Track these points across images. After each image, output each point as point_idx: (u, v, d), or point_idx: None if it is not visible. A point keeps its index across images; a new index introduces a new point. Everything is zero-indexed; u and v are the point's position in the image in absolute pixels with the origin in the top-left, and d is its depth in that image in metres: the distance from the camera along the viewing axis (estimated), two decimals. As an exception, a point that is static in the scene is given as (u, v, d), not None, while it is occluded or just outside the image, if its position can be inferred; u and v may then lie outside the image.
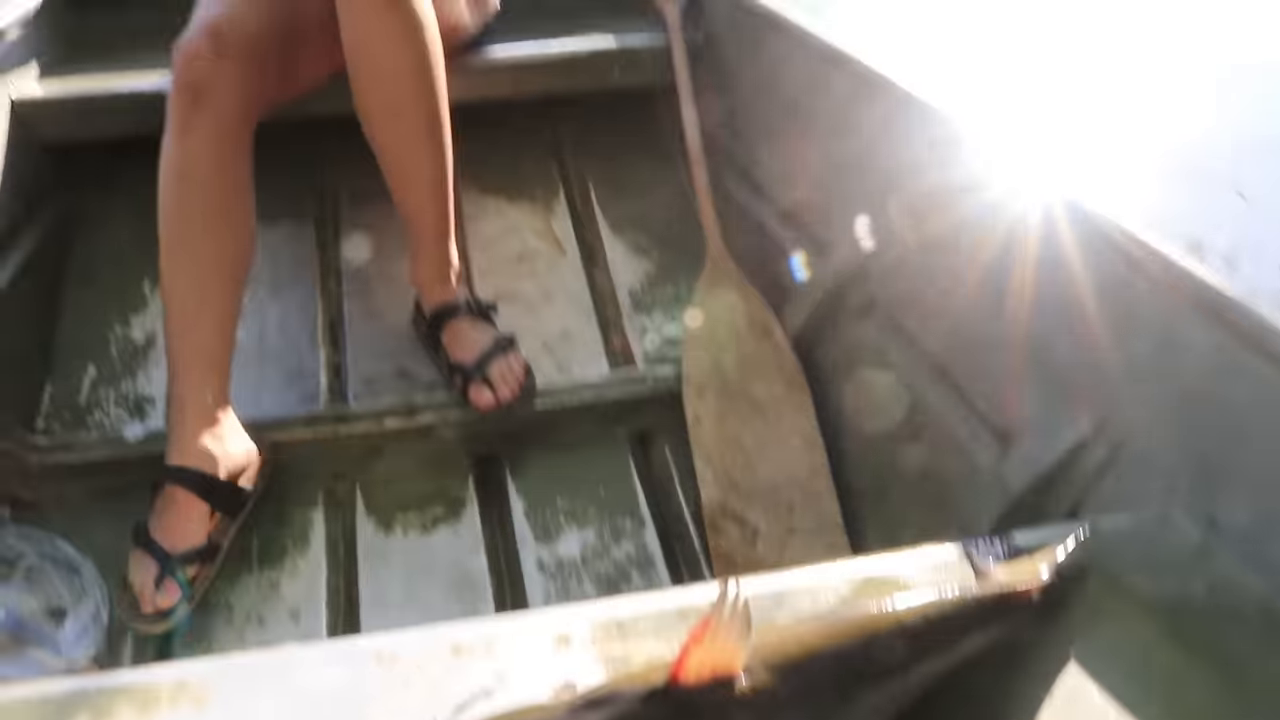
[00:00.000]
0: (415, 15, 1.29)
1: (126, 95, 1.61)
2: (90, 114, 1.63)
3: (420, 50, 1.30)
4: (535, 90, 1.74)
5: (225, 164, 1.29)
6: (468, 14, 1.61)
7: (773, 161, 1.60)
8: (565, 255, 1.68)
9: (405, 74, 1.31)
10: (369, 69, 1.31)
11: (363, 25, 1.29)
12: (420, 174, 1.37)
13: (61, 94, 1.64)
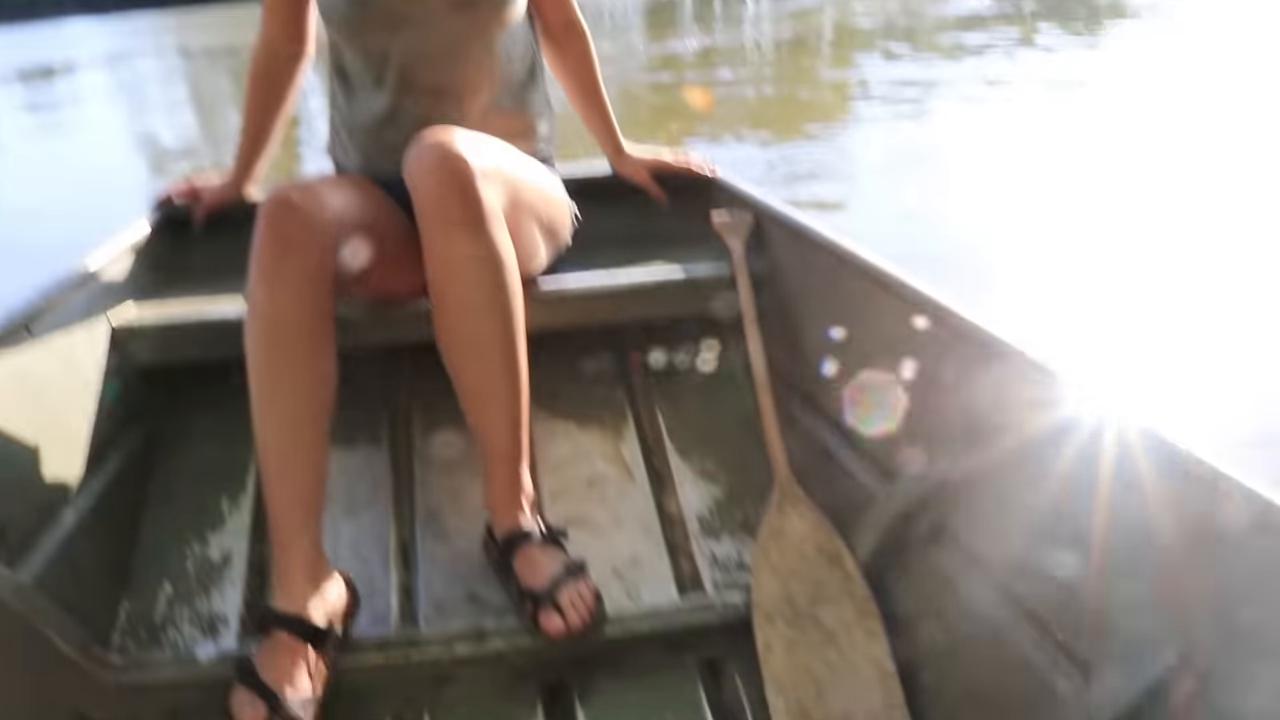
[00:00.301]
0: (496, 249, 1.38)
1: (214, 322, 1.70)
2: (180, 339, 1.72)
3: (500, 283, 1.38)
4: (605, 318, 1.79)
5: (311, 313, 1.35)
6: (543, 245, 1.68)
7: (837, 387, 1.61)
8: (634, 480, 1.70)
9: (485, 305, 1.38)
10: (451, 298, 1.38)
11: (446, 256, 1.37)
12: (495, 400, 1.42)
13: (155, 320, 1.74)
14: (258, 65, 1.86)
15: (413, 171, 1.40)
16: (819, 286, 1.68)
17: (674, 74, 8.17)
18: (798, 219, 1.75)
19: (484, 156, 1.42)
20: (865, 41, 10.11)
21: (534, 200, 1.59)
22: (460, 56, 1.65)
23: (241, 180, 1.94)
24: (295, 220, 1.35)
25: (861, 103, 6.25)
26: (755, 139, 5.31)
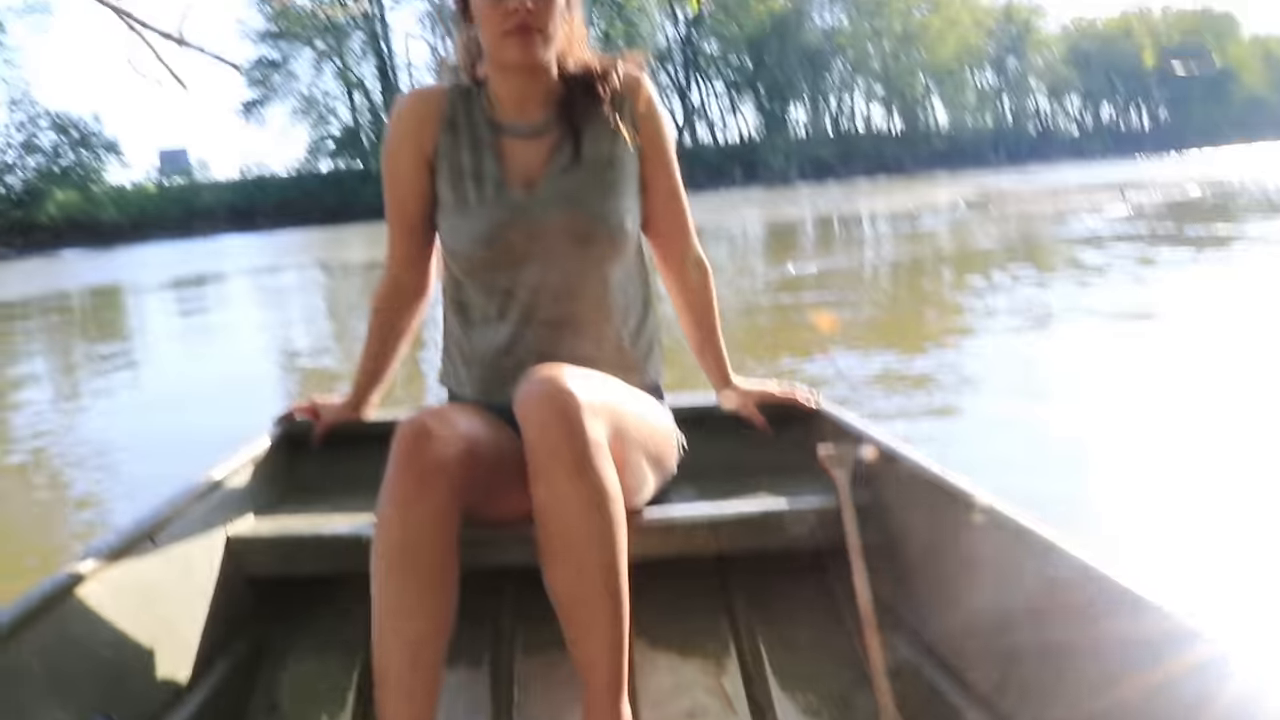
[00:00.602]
0: (603, 484, 1.40)
1: (328, 538, 1.74)
2: (294, 553, 1.76)
3: (606, 516, 1.40)
4: (708, 549, 1.78)
5: (440, 539, 1.39)
6: (649, 477, 1.69)
7: (945, 625, 1.57)
8: (735, 714, 1.65)
9: (590, 537, 1.39)
10: (556, 529, 1.40)
11: (552, 488, 1.40)
12: (597, 629, 1.40)
13: (271, 532, 1.79)
14: (381, 297, 1.93)
15: (522, 406, 1.44)
16: (927, 522, 1.65)
17: (794, 295, 8.31)
18: (905, 452, 1.74)
19: (591, 392, 1.46)
20: (984, 263, 10.17)
21: (641, 433, 1.62)
22: (578, 290, 1.72)
23: (359, 403, 2.00)
24: (430, 448, 1.41)
25: (981, 326, 6.23)
26: (875, 361, 5.32)
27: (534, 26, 1.62)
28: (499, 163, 1.73)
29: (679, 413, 1.87)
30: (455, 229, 1.73)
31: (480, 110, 1.76)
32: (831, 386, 4.68)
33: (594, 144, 1.73)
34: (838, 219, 20.89)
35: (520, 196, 1.70)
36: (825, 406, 2.03)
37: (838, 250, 13.42)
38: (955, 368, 5.10)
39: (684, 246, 1.90)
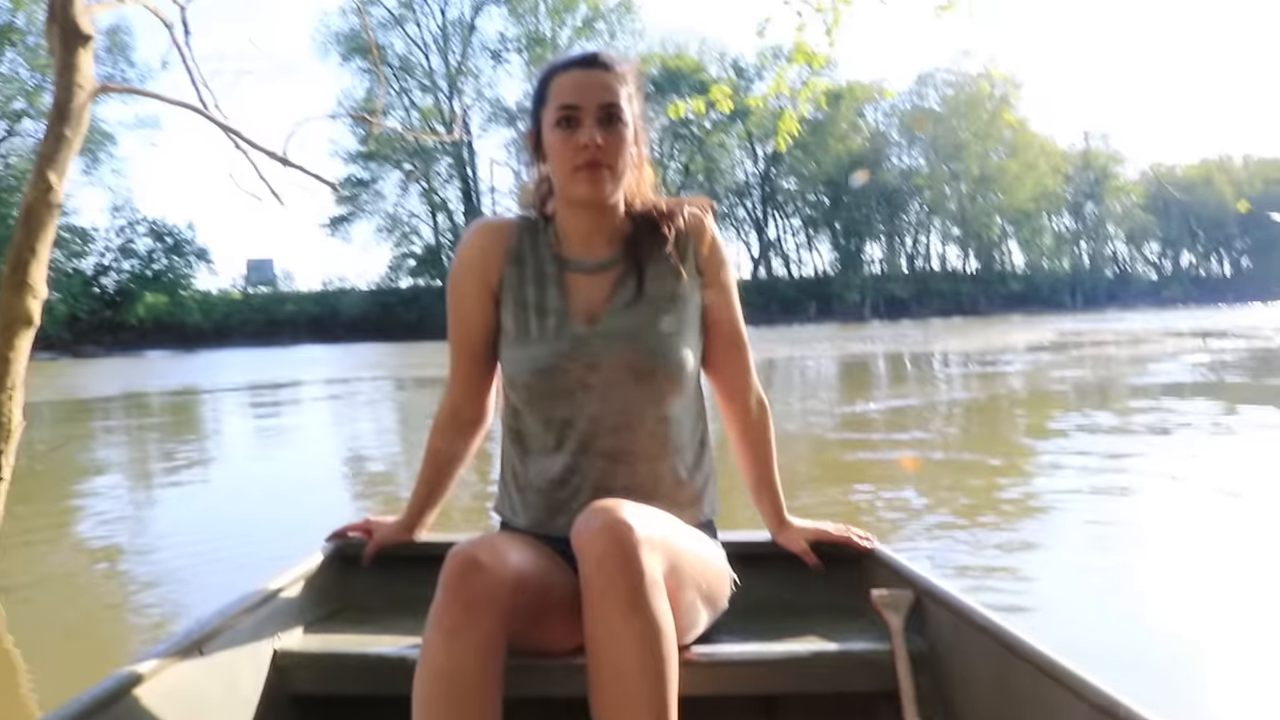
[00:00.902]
0: (657, 621, 1.40)
1: (374, 658, 1.72)
2: (339, 671, 1.75)
3: (658, 653, 1.39)
4: (757, 689, 1.75)
5: (485, 669, 1.40)
6: (701, 614, 1.69)
7: None
8: None
9: (642, 674, 1.37)
10: (607, 663, 1.39)
11: (607, 623, 1.39)
12: None
13: (318, 649, 1.78)
14: (439, 423, 1.94)
15: (580, 538, 1.45)
16: (982, 670, 1.62)
17: (863, 432, 8.15)
18: (960, 598, 1.72)
19: (649, 528, 1.46)
20: (1060, 405, 9.95)
21: (695, 571, 1.62)
22: (636, 424, 1.74)
23: (412, 524, 2.00)
24: (478, 579, 1.42)
25: (1053, 470, 6.00)
26: (945, 503, 5.13)
27: (603, 163, 1.68)
28: (562, 296, 1.77)
29: (731, 548, 1.86)
30: (516, 359, 1.77)
31: (547, 244, 1.81)
32: (895, 528, 4.50)
33: (657, 281, 1.77)
34: (912, 357, 20.72)
35: (582, 329, 1.74)
36: (879, 549, 2.01)
37: (912, 388, 13.23)
38: (1024, 522, 4.86)
39: (744, 385, 1.91)
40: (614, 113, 1.69)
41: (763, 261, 71.03)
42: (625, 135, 1.71)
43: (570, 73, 1.72)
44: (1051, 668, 1.41)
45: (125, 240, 52.10)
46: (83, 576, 4.44)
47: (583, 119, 1.68)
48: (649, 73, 61.63)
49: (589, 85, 1.70)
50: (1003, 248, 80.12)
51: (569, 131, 1.69)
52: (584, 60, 1.73)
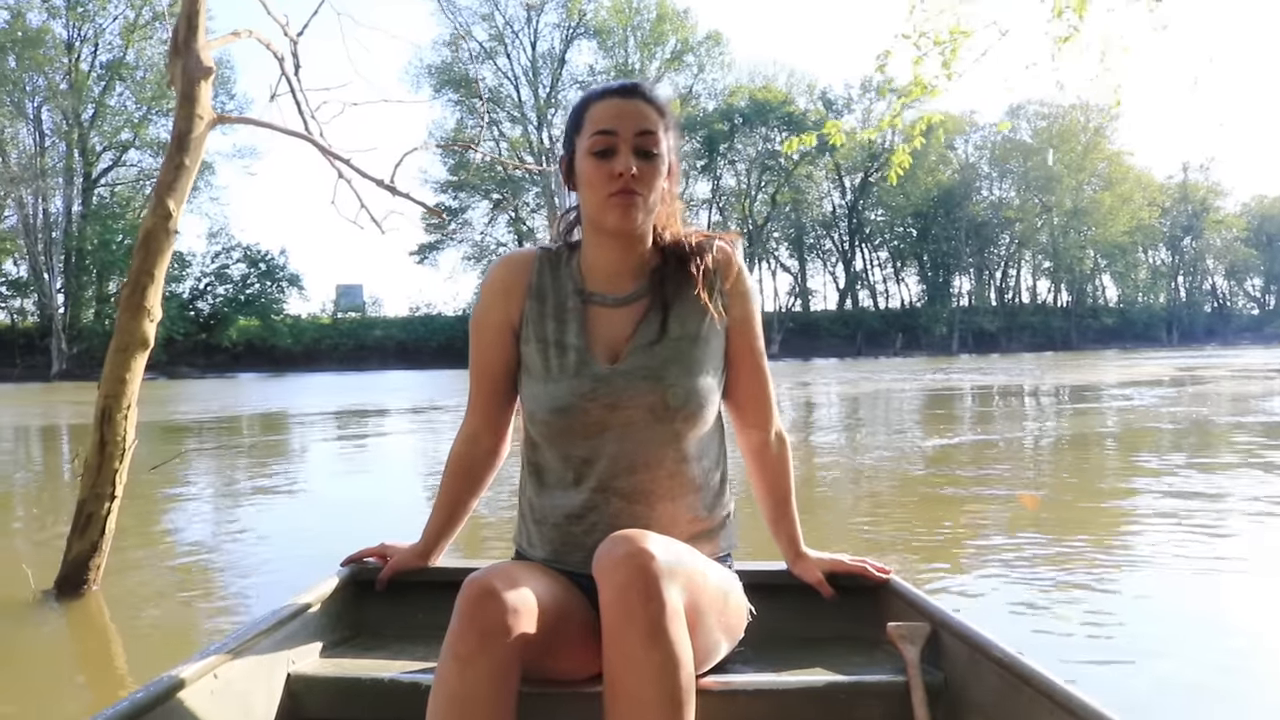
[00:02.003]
0: (676, 651, 1.41)
1: (386, 683, 1.73)
2: (353, 696, 1.75)
3: (676, 683, 1.40)
4: (772, 719, 1.73)
5: (499, 698, 1.41)
6: (718, 645, 1.70)
7: None
8: None
9: (659, 703, 1.39)
10: (624, 692, 1.40)
11: (626, 652, 1.40)
12: None
13: (332, 674, 1.79)
14: (458, 453, 1.95)
15: (602, 566, 1.46)
16: (998, 703, 1.61)
17: (945, 468, 7.97)
18: (976, 631, 1.72)
19: (671, 558, 1.48)
20: (1152, 443, 9.61)
21: (713, 602, 1.64)
22: (655, 463, 1.74)
23: (428, 550, 2.02)
24: (494, 607, 1.44)
25: (1145, 513, 5.72)
26: (1031, 546, 4.97)
27: (637, 192, 1.68)
28: (584, 332, 1.76)
29: (747, 578, 1.88)
30: (535, 395, 1.77)
31: (569, 277, 1.81)
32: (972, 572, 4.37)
33: (681, 320, 1.76)
34: (1000, 390, 20.32)
35: (603, 369, 1.73)
36: (895, 580, 2.02)
37: (999, 422, 12.95)
38: (1114, 579, 4.66)
39: (765, 419, 1.91)
40: (650, 143, 1.70)
41: (849, 293, 70.50)
42: (659, 167, 1.72)
43: (608, 100, 1.73)
44: (1068, 701, 1.41)
45: (220, 266, 53.72)
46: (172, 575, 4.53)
47: (618, 146, 1.69)
48: (737, 105, 62.06)
49: (626, 113, 1.70)
50: (1095, 282, 78.52)
51: (604, 159, 1.69)
52: (623, 90, 1.74)
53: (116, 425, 4.11)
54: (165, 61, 5.17)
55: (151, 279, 4.16)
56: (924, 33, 5.95)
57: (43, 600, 4.01)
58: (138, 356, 4.17)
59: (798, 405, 16.79)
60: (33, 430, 15.49)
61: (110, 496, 4.11)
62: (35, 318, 49.45)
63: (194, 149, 4.25)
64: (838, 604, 2.00)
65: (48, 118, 49.37)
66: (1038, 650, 1.72)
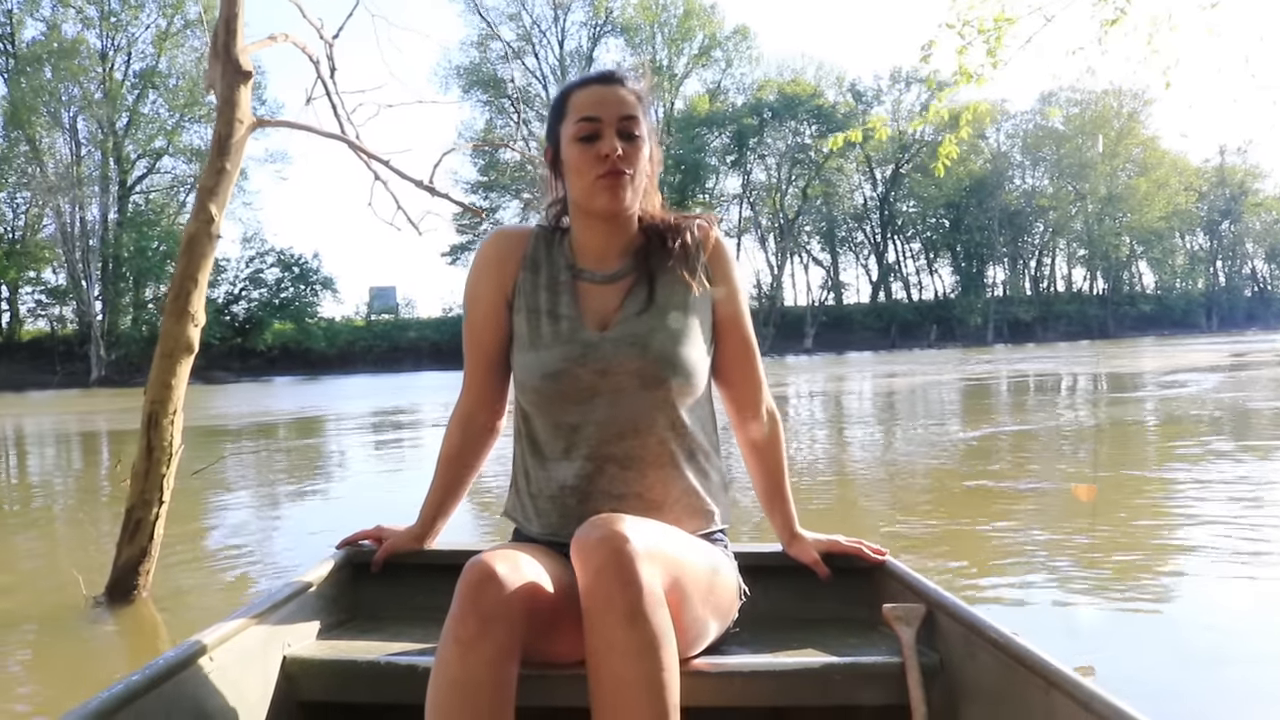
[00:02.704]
0: (655, 632, 1.41)
1: (384, 666, 1.73)
2: (347, 679, 1.75)
3: (657, 664, 1.40)
4: (765, 701, 1.74)
5: (499, 680, 1.42)
6: (706, 626, 1.70)
7: None
8: None
9: (640, 685, 1.39)
10: (606, 675, 1.41)
11: (604, 635, 1.42)
12: None
13: (327, 656, 1.79)
14: (453, 430, 1.97)
15: (578, 550, 1.48)
16: (994, 684, 1.61)
17: (981, 463, 7.87)
18: (972, 612, 1.73)
19: (649, 540, 1.48)
20: (1192, 432, 9.45)
21: (701, 582, 1.64)
22: (645, 431, 1.75)
23: (424, 533, 2.02)
24: (494, 591, 1.44)
25: (1189, 516, 5.51)
26: (1062, 540, 4.89)
27: (624, 171, 1.73)
28: (575, 303, 1.81)
29: (742, 559, 1.88)
30: (527, 364, 1.80)
31: (562, 254, 1.86)
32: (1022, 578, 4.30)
33: (667, 291, 1.80)
34: (1036, 378, 20.12)
35: (593, 335, 1.77)
36: (891, 562, 2.03)
37: (1033, 413, 12.81)
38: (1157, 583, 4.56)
39: (755, 397, 1.93)
40: (632, 127, 1.76)
41: (882, 286, 70.09)
42: (642, 149, 1.78)
43: (589, 88, 1.79)
44: (1063, 682, 1.41)
45: (255, 270, 54.02)
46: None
47: (603, 130, 1.74)
48: (766, 99, 61.79)
49: (609, 99, 1.76)
50: (1132, 268, 77.60)
51: (589, 144, 1.75)
52: (602, 77, 1.80)
53: (163, 430, 4.12)
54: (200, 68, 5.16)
55: (195, 284, 4.18)
56: (968, 21, 5.85)
57: (94, 607, 4.03)
58: (183, 361, 4.19)
59: (837, 399, 16.66)
60: (73, 436, 15.67)
61: (158, 502, 4.13)
62: (74, 325, 50.02)
63: (234, 153, 4.26)
64: (833, 585, 2.01)
65: (83, 127, 49.84)
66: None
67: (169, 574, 4.51)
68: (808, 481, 7.05)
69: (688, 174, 60.05)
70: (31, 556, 5.61)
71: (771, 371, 27.09)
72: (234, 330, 50.73)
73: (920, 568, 1.99)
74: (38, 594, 4.54)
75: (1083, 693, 1.35)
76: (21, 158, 49.15)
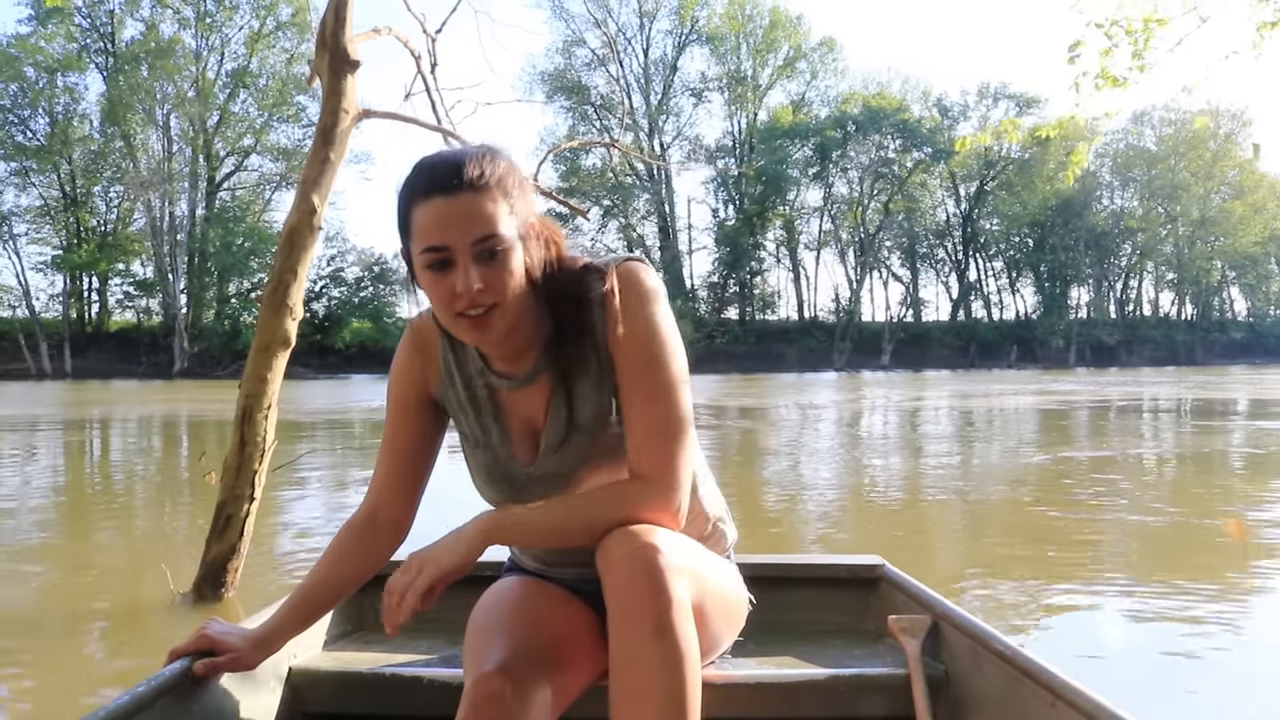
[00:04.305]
0: (683, 645, 1.37)
1: (387, 677, 1.74)
2: (352, 690, 1.76)
3: (682, 678, 1.36)
4: (774, 711, 1.73)
5: None
6: (723, 638, 1.69)
7: None
8: None
9: (665, 698, 1.35)
10: (630, 688, 1.37)
11: (631, 647, 1.37)
12: None
13: (332, 667, 1.80)
14: (349, 533, 1.73)
15: (608, 563, 1.42)
16: (999, 695, 1.61)
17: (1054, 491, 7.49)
18: (977, 623, 1.73)
19: (676, 553, 1.43)
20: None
21: (718, 596, 1.61)
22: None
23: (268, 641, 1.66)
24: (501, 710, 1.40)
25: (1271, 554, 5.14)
26: (1132, 581, 4.54)
27: (485, 304, 1.46)
28: (498, 422, 1.66)
29: (746, 569, 1.85)
30: (475, 482, 1.72)
31: (471, 358, 1.66)
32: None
33: (586, 401, 1.59)
34: (1118, 405, 19.49)
35: (519, 472, 1.64)
36: (896, 573, 2.03)
37: (1113, 439, 12.33)
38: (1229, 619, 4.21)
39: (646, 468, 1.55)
40: (493, 245, 1.45)
41: (962, 304, 69.00)
42: (511, 263, 1.47)
43: (431, 203, 1.45)
44: (1069, 693, 1.40)
45: (336, 269, 54.87)
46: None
47: (455, 259, 1.45)
48: (850, 112, 61.24)
49: (455, 219, 1.44)
50: (1223, 294, 75.48)
51: (441, 274, 1.46)
52: (443, 186, 1.45)
53: (257, 425, 3.98)
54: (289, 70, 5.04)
55: (295, 276, 4.05)
56: (1116, 20, 5.53)
57: (182, 603, 3.91)
58: (279, 355, 4.05)
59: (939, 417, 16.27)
60: (155, 426, 15.87)
61: (249, 498, 3.98)
62: (159, 317, 51.17)
63: (339, 143, 4.13)
64: (839, 597, 2.04)
65: (175, 124, 51.17)
66: None
67: (256, 571, 4.38)
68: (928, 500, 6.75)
69: (769, 186, 59.75)
70: (116, 551, 5.52)
71: (845, 385, 26.22)
72: (314, 327, 51.53)
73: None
74: (125, 588, 4.45)
75: (1089, 704, 1.35)
76: (116, 153, 50.62)
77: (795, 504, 6.69)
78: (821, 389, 28.78)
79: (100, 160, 51.00)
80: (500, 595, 1.64)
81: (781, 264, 65.87)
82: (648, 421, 1.53)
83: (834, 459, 10.05)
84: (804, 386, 29.94)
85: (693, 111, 64.59)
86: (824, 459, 10.01)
